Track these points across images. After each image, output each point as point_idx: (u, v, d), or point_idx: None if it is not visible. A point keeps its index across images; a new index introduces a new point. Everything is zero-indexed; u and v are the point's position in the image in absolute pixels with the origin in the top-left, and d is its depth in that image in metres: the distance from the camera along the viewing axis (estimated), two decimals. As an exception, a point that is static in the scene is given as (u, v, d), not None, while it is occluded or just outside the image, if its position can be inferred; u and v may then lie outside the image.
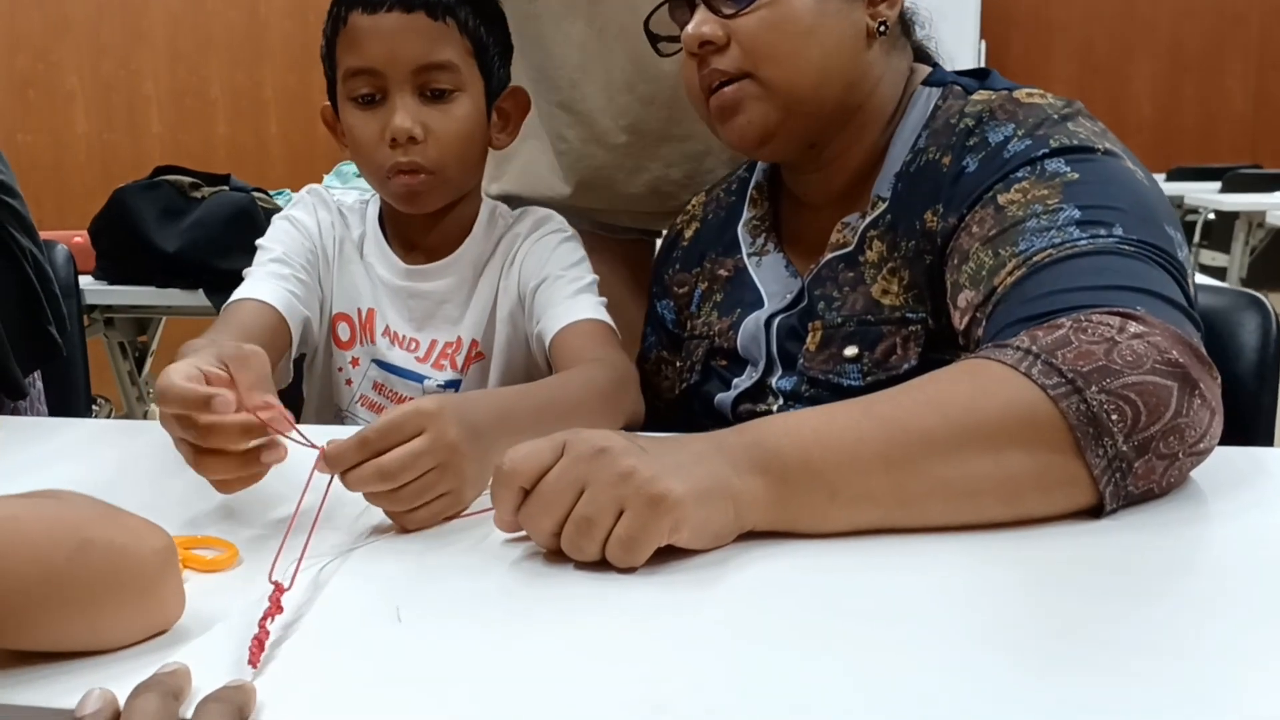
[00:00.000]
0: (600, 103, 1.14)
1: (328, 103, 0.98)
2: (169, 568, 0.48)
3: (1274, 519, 0.62)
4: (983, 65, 0.97)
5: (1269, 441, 0.87)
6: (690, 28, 0.82)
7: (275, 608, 0.49)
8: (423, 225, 0.98)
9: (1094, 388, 0.58)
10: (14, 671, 0.45)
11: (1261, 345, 0.88)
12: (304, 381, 1.02)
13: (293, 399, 1.01)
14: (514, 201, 1.24)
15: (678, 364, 0.98)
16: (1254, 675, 0.44)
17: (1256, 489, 0.66)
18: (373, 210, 1.01)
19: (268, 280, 0.92)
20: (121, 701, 0.40)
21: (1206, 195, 3.60)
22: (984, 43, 4.58)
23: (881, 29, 0.84)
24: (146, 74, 4.30)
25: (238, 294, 0.91)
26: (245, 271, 0.95)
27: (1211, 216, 3.69)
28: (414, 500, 0.62)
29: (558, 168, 1.19)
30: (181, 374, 0.61)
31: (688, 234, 1.01)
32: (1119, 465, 0.59)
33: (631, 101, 1.14)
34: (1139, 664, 0.45)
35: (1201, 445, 0.62)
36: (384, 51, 0.89)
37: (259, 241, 0.98)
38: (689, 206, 1.03)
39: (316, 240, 0.99)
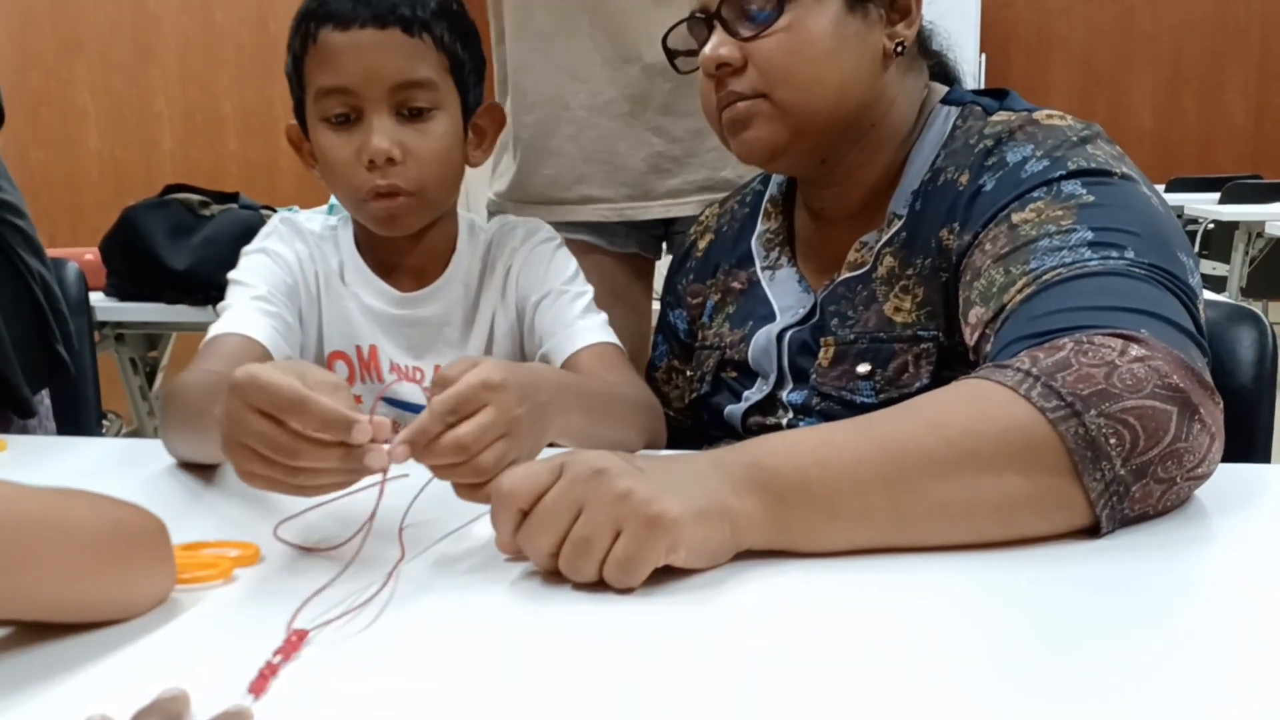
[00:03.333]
0: (608, 71, 1.17)
1: (293, 121, 0.94)
2: (168, 544, 0.56)
3: (1272, 535, 0.63)
4: (982, 79, 0.97)
5: (1266, 458, 0.87)
6: (708, 49, 0.83)
7: (291, 649, 0.49)
8: (403, 247, 0.95)
9: (1093, 411, 0.58)
10: (15, 695, 0.46)
11: (1258, 360, 0.88)
12: None
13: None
14: (515, 202, 1.25)
15: (688, 373, 0.99)
16: (1254, 695, 0.44)
17: (1254, 505, 0.66)
18: (346, 236, 0.97)
19: (254, 315, 0.88)
20: None
21: (1206, 205, 3.60)
22: (984, 56, 4.59)
23: (899, 50, 0.84)
24: (158, 91, 4.34)
25: (220, 328, 0.87)
26: (220, 306, 0.91)
27: (1211, 226, 3.68)
28: (489, 472, 0.61)
29: (560, 142, 1.20)
30: (274, 370, 0.56)
31: (701, 244, 1.02)
32: (1116, 489, 0.59)
33: (637, 73, 1.16)
34: (1135, 683, 0.45)
35: (1200, 470, 0.62)
36: (358, 70, 0.86)
37: (231, 275, 0.93)
38: (702, 217, 1.04)
39: (297, 275, 0.94)
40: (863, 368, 0.82)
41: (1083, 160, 0.76)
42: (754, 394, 0.90)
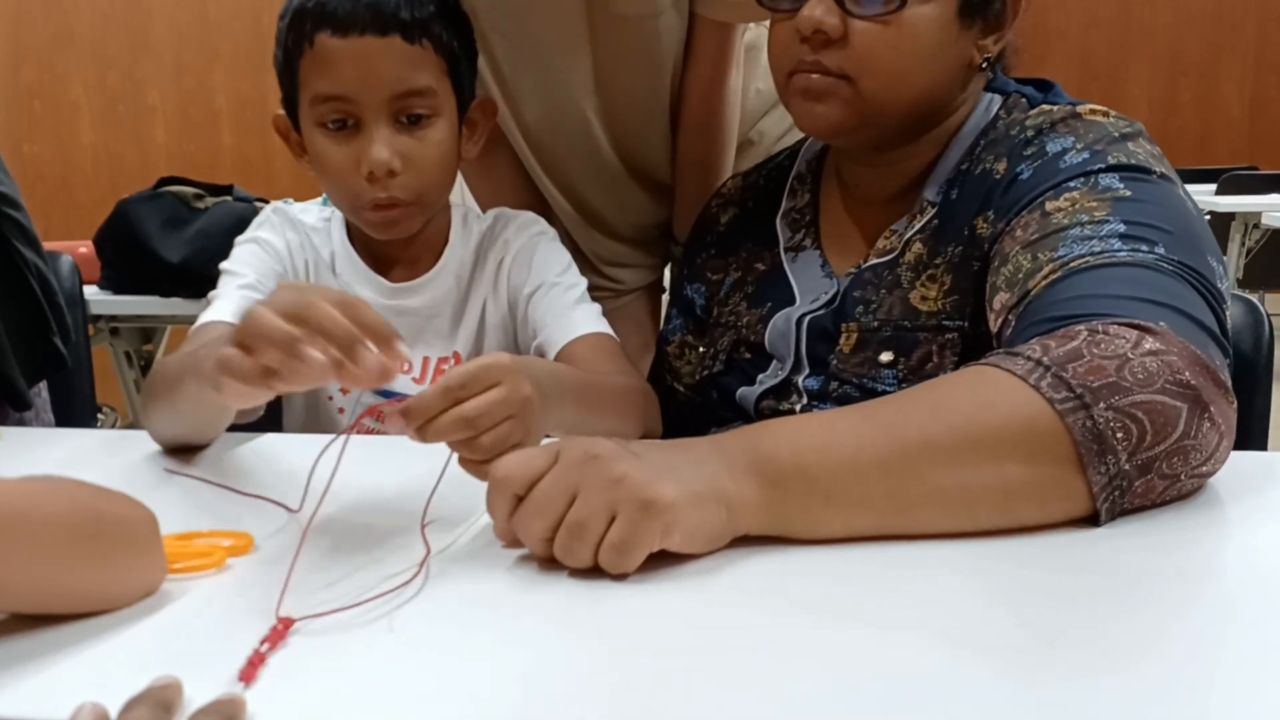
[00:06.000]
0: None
1: (281, 111, 0.92)
2: (156, 535, 0.55)
3: (1269, 523, 0.63)
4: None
5: (1262, 446, 0.87)
6: (809, 10, 0.79)
7: (278, 637, 0.48)
8: (397, 241, 0.94)
9: (1102, 404, 0.58)
10: (6, 684, 0.46)
11: (1254, 349, 0.88)
12: (283, 414, 0.99)
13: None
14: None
15: (701, 349, 0.97)
16: (1252, 680, 0.44)
17: (1251, 493, 0.66)
18: (338, 228, 0.97)
19: (242, 304, 0.87)
20: (113, 714, 0.40)
21: (1202, 197, 3.60)
22: (982, 48, 4.58)
23: (984, 64, 0.83)
24: (151, 85, 4.32)
25: (208, 316, 0.87)
26: (211, 295, 0.91)
27: (1208, 218, 3.68)
28: (491, 450, 0.62)
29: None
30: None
31: (724, 219, 0.99)
32: (1119, 483, 0.58)
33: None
34: (1133, 672, 0.45)
35: (1205, 468, 0.62)
36: (357, 78, 0.84)
37: (223, 265, 0.93)
38: (724, 189, 1.02)
39: (287, 264, 0.94)
40: (885, 356, 0.81)
41: (1123, 156, 0.76)
42: (768, 378, 0.89)
